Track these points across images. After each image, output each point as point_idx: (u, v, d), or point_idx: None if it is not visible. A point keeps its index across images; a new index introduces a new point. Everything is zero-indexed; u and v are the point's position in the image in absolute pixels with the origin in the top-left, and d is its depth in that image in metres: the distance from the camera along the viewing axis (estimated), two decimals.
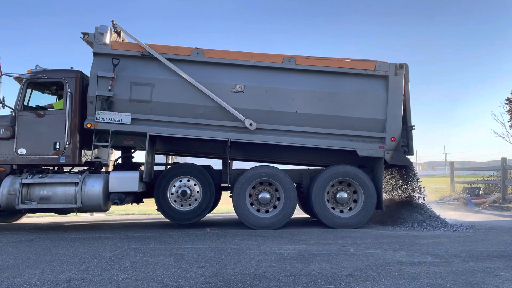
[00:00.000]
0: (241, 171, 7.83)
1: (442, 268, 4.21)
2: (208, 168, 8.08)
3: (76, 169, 8.17)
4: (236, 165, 9.16)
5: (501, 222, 8.98)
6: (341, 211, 7.73)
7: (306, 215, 9.91)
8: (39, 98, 8.19)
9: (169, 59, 7.44)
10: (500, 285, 3.58)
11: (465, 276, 3.88)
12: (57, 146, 7.48)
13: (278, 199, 7.65)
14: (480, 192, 14.02)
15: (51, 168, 8.00)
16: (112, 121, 7.36)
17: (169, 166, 8.57)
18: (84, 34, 7.56)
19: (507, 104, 23.61)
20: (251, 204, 7.63)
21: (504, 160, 13.26)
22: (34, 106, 7.97)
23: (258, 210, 7.64)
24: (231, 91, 7.48)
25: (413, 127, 8.06)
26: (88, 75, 7.53)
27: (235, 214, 7.70)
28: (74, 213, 9.17)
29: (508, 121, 23.66)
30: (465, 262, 4.51)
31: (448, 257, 4.78)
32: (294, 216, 7.86)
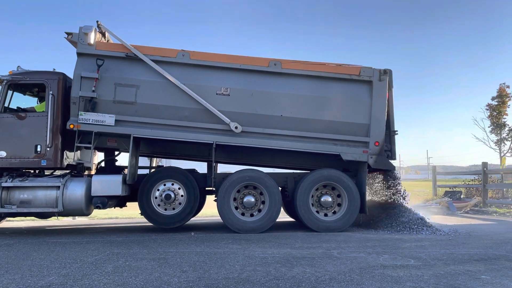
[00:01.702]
0: (226, 175, 7.81)
1: (424, 272, 4.26)
2: (192, 171, 8.03)
3: (58, 172, 8.04)
4: (221, 168, 9.14)
5: (482, 225, 9.15)
6: (326, 215, 7.76)
7: (291, 219, 9.92)
8: (20, 100, 8.04)
9: (154, 61, 7.39)
10: None
11: (446, 279, 3.93)
12: (38, 149, 7.34)
13: (263, 202, 7.64)
14: (462, 196, 14.25)
15: (32, 171, 7.85)
16: (95, 122, 7.27)
17: (153, 170, 8.49)
18: (68, 34, 7.46)
19: (487, 109, 24.18)
20: (236, 208, 7.61)
21: (484, 164, 13.52)
22: (15, 108, 7.81)
23: (243, 214, 7.62)
24: (216, 93, 7.47)
25: (396, 132, 8.18)
26: (71, 77, 7.42)
27: (220, 218, 7.67)
28: (56, 217, 9.01)
29: (489, 126, 24.25)
30: (446, 266, 4.57)
31: (430, 260, 4.84)
32: (279, 219, 7.86)
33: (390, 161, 7.99)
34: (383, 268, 4.42)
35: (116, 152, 8.44)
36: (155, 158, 9.65)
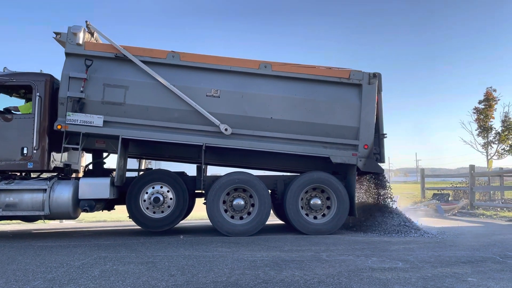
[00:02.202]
0: (215, 178, 7.78)
1: (412, 274, 4.29)
2: (181, 174, 7.98)
3: (44, 175, 7.93)
4: (211, 170, 9.11)
5: (469, 228, 9.24)
6: (315, 218, 7.77)
7: (281, 222, 9.92)
8: (6, 102, 7.93)
9: (144, 62, 7.34)
10: None
11: (434, 282, 3.96)
12: (25, 151, 7.23)
13: (253, 205, 7.62)
14: (450, 199, 14.41)
15: (18, 174, 7.73)
16: (83, 123, 7.19)
17: (141, 172, 8.42)
18: (56, 33, 7.38)
19: (474, 113, 24.46)
20: (225, 211, 7.58)
21: (472, 167, 13.68)
22: (1, 110, 7.70)
23: (232, 217, 7.59)
24: (206, 95, 7.45)
25: (385, 135, 8.22)
26: (59, 79, 7.34)
27: (209, 221, 7.63)
28: (42, 221, 8.89)
29: (476, 130, 24.52)
30: (434, 268, 4.60)
31: (418, 263, 4.87)
32: (268, 222, 7.85)
33: (379, 164, 8.03)
34: (371, 271, 4.43)
35: (105, 155, 8.36)
36: (144, 160, 9.58)
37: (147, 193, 7.54)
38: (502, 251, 5.72)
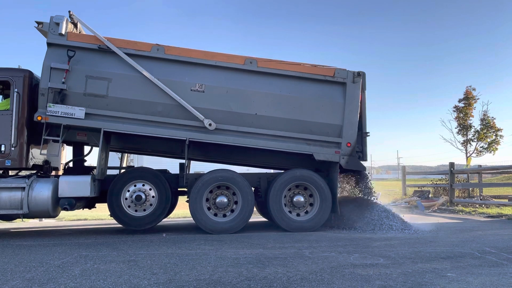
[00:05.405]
0: (198, 175, 7.74)
1: (393, 270, 4.34)
2: (164, 172, 7.92)
3: (23, 173, 7.76)
4: (194, 166, 9.05)
5: (448, 224, 9.41)
6: (298, 215, 7.81)
7: (264, 219, 9.94)
8: None
9: (128, 54, 7.24)
10: (446, 286, 3.73)
11: (414, 277, 4.02)
12: (3, 149, 7.06)
13: (236, 203, 7.61)
14: (430, 195, 14.66)
15: None
16: (64, 115, 7.05)
17: (123, 170, 8.32)
18: (38, 23, 7.22)
19: (454, 111, 24.93)
20: (208, 209, 7.54)
21: (451, 164, 13.93)
22: None
23: (215, 215, 7.57)
24: (191, 89, 7.39)
25: (368, 134, 8.30)
26: (39, 75, 7.19)
27: (192, 219, 7.58)
28: (21, 219, 8.71)
29: (456, 128, 25.00)
30: (414, 264, 4.67)
31: (399, 259, 4.94)
32: (251, 220, 7.85)
33: (361, 162, 8.11)
34: (353, 267, 4.47)
35: (86, 152, 8.23)
36: (125, 157, 9.46)
37: (129, 191, 7.46)
38: (481, 246, 5.84)
